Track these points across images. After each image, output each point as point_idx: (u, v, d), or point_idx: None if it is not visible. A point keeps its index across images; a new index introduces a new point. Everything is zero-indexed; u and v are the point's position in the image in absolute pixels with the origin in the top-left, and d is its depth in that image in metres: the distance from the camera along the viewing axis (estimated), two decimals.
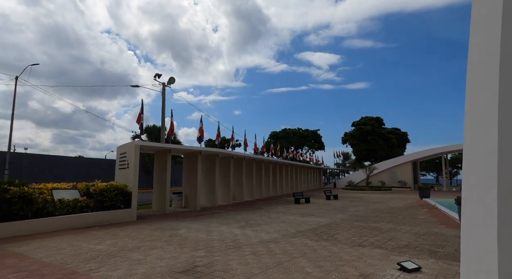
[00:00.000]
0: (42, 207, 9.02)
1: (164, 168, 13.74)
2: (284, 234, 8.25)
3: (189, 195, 15.58)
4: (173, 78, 18.54)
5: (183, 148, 13.31)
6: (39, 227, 8.73)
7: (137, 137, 38.88)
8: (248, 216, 12.13)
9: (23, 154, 26.36)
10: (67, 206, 9.73)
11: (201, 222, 10.54)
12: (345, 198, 22.03)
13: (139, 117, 12.57)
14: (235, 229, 9.09)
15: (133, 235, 8.18)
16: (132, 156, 11.65)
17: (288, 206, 16.20)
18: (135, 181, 11.46)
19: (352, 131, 50.33)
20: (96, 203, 10.41)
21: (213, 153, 16.37)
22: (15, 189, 8.53)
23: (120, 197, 10.86)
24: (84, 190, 10.90)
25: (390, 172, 42.65)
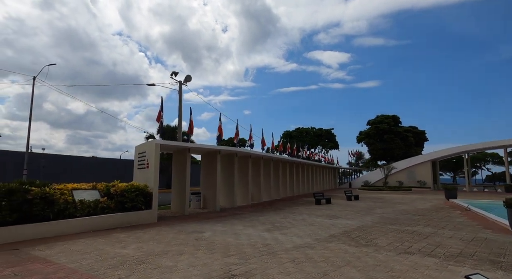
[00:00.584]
0: (63, 208, 8.74)
1: (183, 168, 13.36)
2: (317, 239, 7.69)
3: (207, 195, 15.18)
4: (189, 76, 18.19)
5: (202, 147, 12.92)
6: (61, 229, 8.44)
7: (151, 137, 38.89)
8: (272, 218, 11.61)
9: (41, 154, 26.64)
10: (88, 207, 9.43)
11: (224, 224, 10.08)
12: (366, 199, 21.23)
13: (159, 115, 12.22)
14: (263, 232, 8.59)
15: (158, 239, 7.78)
16: (152, 156, 11.30)
17: (309, 207, 15.59)
18: (156, 182, 11.10)
19: (368, 130, 49.14)
20: (117, 204, 10.10)
21: (232, 152, 15.91)
22: (37, 190, 8.27)
23: (141, 198, 10.51)
24: (104, 191, 10.60)
25: (408, 171, 41.34)
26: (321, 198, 17.46)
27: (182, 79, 18.01)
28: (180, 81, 18.05)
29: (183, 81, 18.11)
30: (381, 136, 45.72)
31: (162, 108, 12.26)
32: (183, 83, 18.14)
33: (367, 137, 47.60)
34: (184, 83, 18.15)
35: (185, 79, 18.16)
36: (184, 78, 18.13)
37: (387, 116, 47.57)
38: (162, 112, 12.21)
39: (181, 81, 18.09)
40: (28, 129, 20.32)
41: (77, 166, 28.72)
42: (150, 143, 11.66)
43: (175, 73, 17.66)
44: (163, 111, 12.22)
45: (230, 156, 16.18)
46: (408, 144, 46.59)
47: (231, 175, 16.15)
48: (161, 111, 12.23)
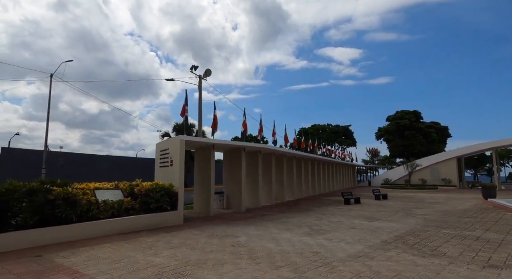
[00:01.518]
0: (87, 210, 8.10)
1: (206, 166, 12.61)
2: (370, 246, 6.75)
3: (231, 194, 14.40)
4: (209, 70, 17.44)
5: (227, 143, 12.14)
6: (84, 232, 7.80)
7: (166, 135, 38.39)
8: (305, 220, 10.71)
9: (59, 152, 26.58)
10: (112, 208, 8.78)
11: (257, 227, 9.25)
12: (395, 198, 20.02)
13: (183, 109, 11.48)
14: (303, 237, 7.71)
15: (190, 244, 7.01)
16: (177, 153, 10.57)
17: (340, 208, 14.60)
18: (181, 181, 10.38)
19: (387, 126, 47.34)
20: (141, 204, 9.42)
21: (256, 149, 15.07)
22: (59, 190, 7.65)
23: (166, 198, 9.80)
24: (127, 191, 9.95)
25: (431, 169, 39.52)
26: (350, 198, 16.43)
27: (205, 74, 17.27)
28: (199, 75, 17.32)
29: (203, 75, 17.37)
30: (402, 132, 43.88)
31: (186, 102, 11.52)
32: (203, 77, 17.39)
33: (387, 134, 45.80)
34: (204, 77, 17.41)
35: (205, 73, 17.42)
36: (204, 72, 17.39)
37: (407, 111, 45.61)
38: (187, 106, 11.46)
39: (201, 75, 17.35)
40: (46, 126, 20.08)
41: (95, 165, 28.59)
42: (174, 140, 10.94)
43: (195, 67, 16.95)
44: (187, 105, 11.48)
45: (254, 153, 15.35)
46: (430, 140, 44.57)
47: (255, 173, 15.32)
48: (186, 105, 11.49)
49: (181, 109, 11.49)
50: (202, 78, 17.34)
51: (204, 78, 17.45)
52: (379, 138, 48.31)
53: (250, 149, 14.64)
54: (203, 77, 17.41)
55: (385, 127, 47.08)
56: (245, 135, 13.63)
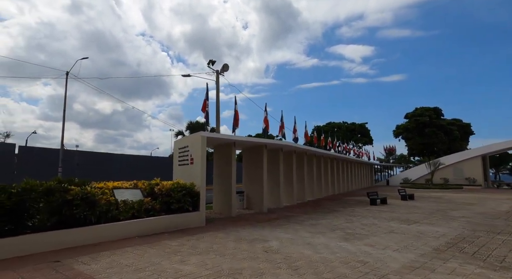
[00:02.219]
0: (106, 210, 7.59)
1: (227, 164, 11.98)
2: (421, 254, 5.94)
3: (251, 194, 13.75)
4: (226, 65, 16.81)
5: (249, 140, 11.50)
6: (104, 234, 7.29)
7: (180, 133, 38.03)
8: (335, 222, 9.93)
9: (75, 151, 26.62)
10: (132, 208, 8.25)
11: (285, 230, 8.55)
12: (422, 198, 18.91)
13: (204, 104, 10.89)
14: (341, 242, 6.95)
15: (217, 249, 6.38)
16: (198, 150, 9.98)
17: (367, 209, 13.73)
18: (203, 179, 9.78)
19: (406, 124, 45.59)
20: (162, 205, 8.87)
21: (278, 146, 14.36)
22: (77, 189, 7.15)
23: (188, 198, 9.22)
24: (147, 190, 9.44)
25: (454, 168, 37.78)
26: (376, 198, 15.50)
27: (222, 69, 16.65)
28: (217, 70, 16.72)
29: (220, 71, 16.76)
30: (422, 130, 42.12)
31: (207, 97, 10.92)
32: (220, 72, 16.78)
33: (406, 131, 44.07)
34: (221, 72, 16.80)
35: (222, 68, 16.80)
36: (221, 67, 16.78)
37: (427, 108, 43.72)
38: (208, 101, 10.87)
39: (218, 70, 16.75)
40: (62, 124, 19.93)
41: (111, 164, 28.47)
42: (195, 136, 10.35)
43: (212, 62, 16.34)
44: (208, 100, 10.88)
45: (275, 151, 14.64)
46: (452, 138, 42.65)
47: (276, 171, 14.61)
48: (207, 100, 10.89)
49: (202, 104, 10.90)
50: (219, 73, 16.73)
51: (221, 73, 16.84)
52: (397, 136, 46.59)
53: (271, 146, 13.94)
54: (221, 73, 16.80)
55: (403, 124, 45.33)
56: (266, 131, 12.96)
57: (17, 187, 6.33)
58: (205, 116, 11.02)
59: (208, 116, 10.96)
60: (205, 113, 10.95)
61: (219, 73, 16.78)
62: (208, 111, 11.00)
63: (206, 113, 10.94)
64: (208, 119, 10.91)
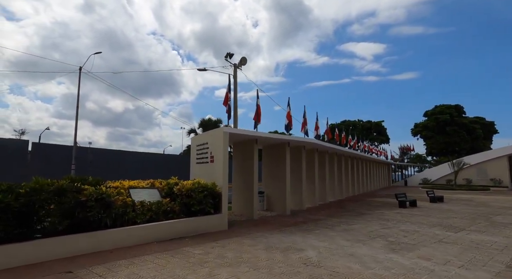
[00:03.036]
0: (122, 213, 6.88)
1: (249, 163, 11.16)
2: (496, 272, 4.96)
3: (272, 195, 12.91)
4: (244, 59, 15.98)
5: (273, 137, 10.65)
6: (120, 240, 6.59)
7: (192, 131, 37.39)
8: (369, 227, 8.99)
9: (88, 148, 26.33)
10: (149, 210, 7.53)
11: (318, 237, 7.67)
12: (452, 201, 17.66)
13: (226, 97, 10.08)
14: (389, 254, 6.03)
15: (249, 260, 5.56)
16: (220, 147, 9.18)
17: (397, 212, 12.69)
18: (225, 179, 8.98)
19: (426, 122, 43.75)
20: (181, 207, 8.12)
21: (301, 144, 13.45)
22: (91, 189, 6.46)
23: (210, 199, 8.45)
24: (165, 190, 8.71)
25: (478, 168, 35.95)
26: (405, 200, 14.42)
27: (240, 62, 15.83)
28: (234, 64, 15.90)
29: (238, 64, 15.95)
30: (442, 128, 40.26)
31: (229, 89, 10.10)
32: (238, 66, 15.96)
33: (425, 130, 42.27)
34: (239, 66, 15.98)
35: (240, 61, 15.98)
36: (239, 60, 15.96)
37: (448, 106, 41.74)
38: (230, 94, 10.04)
39: (236, 64, 15.94)
40: (75, 119, 19.51)
41: (124, 161, 28.10)
42: (216, 133, 9.56)
43: (230, 55, 15.54)
44: (230, 92, 10.06)
45: (297, 149, 13.74)
46: (475, 137, 40.68)
47: (298, 171, 13.72)
48: (229, 92, 10.08)
49: (224, 97, 10.09)
50: (237, 67, 15.91)
51: (239, 67, 16.02)
52: (416, 134, 44.81)
53: (294, 143, 13.04)
54: (238, 66, 15.98)
55: (422, 122, 43.50)
56: (289, 128, 12.09)
57: (25, 187, 5.66)
58: (227, 110, 10.19)
59: (230, 110, 10.13)
60: (227, 106, 10.12)
61: (237, 67, 15.96)
62: (230, 105, 10.17)
63: (228, 107, 10.11)
64: (230, 113, 10.09)
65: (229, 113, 10.06)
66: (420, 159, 56.69)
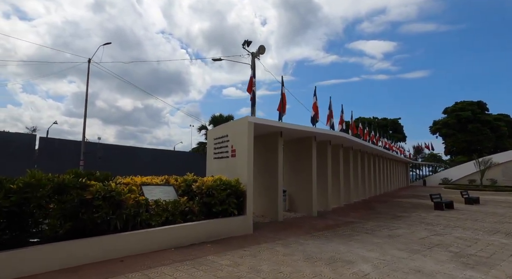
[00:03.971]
0: (134, 214, 5.83)
1: (272, 158, 10.00)
2: None
3: (295, 194, 11.74)
4: (263, 47, 14.82)
5: (302, 129, 9.46)
6: (131, 245, 5.55)
7: (203, 128, 36.36)
8: (418, 234, 7.73)
9: (97, 143, 25.63)
10: (165, 211, 6.47)
11: (363, 244, 6.47)
12: (488, 203, 16.15)
13: (251, 83, 8.91)
14: (466, 270, 4.80)
15: (290, 275, 4.42)
16: (244, 140, 8.05)
17: (436, 214, 11.36)
18: (249, 176, 7.85)
19: (446, 119, 41.72)
20: (201, 207, 7.04)
21: (328, 138, 12.23)
22: (98, 186, 5.42)
23: (233, 198, 7.34)
24: (182, 187, 7.65)
25: (504, 168, 33.95)
26: (441, 201, 13.05)
27: (259, 51, 14.67)
28: (252, 52, 14.76)
29: (256, 53, 14.79)
30: (464, 125, 38.27)
31: (254, 74, 8.96)
32: (256, 55, 14.81)
33: (446, 127, 40.30)
34: (257, 55, 14.82)
35: (258, 50, 14.82)
36: (257, 49, 14.79)
37: (470, 102, 39.62)
38: (255, 79, 8.90)
39: (254, 52, 14.78)
40: (84, 110, 18.67)
41: (134, 157, 27.32)
42: (239, 123, 8.43)
43: (248, 43, 14.40)
44: (255, 77, 8.93)
45: (323, 144, 12.53)
46: (499, 135, 38.56)
47: (324, 168, 12.51)
48: (253, 77, 8.93)
49: (248, 84, 8.95)
50: (255, 56, 14.75)
51: (257, 56, 14.86)
52: (435, 132, 42.82)
53: (321, 138, 11.81)
54: (257, 56, 14.82)
55: (442, 120, 41.51)
56: (316, 120, 10.89)
57: (19, 182, 4.64)
58: (251, 98, 9.03)
59: (254, 97, 8.96)
60: (251, 93, 8.96)
61: (255, 57, 14.80)
62: (255, 91, 9.00)
63: (253, 94, 8.93)
64: (254, 100, 8.93)
65: (253, 100, 8.91)
66: (435, 158, 54.81)
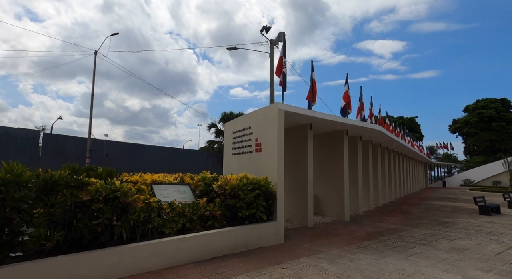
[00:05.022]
0: (144, 220, 4.62)
1: (300, 154, 8.69)
2: None
3: (322, 196, 10.42)
4: (282, 34, 13.48)
5: (336, 120, 8.11)
6: (141, 261, 4.34)
7: (213, 126, 35.03)
8: (488, 246, 6.33)
9: (103, 141, 24.59)
10: (182, 216, 5.25)
11: (428, 261, 5.12)
12: None
13: (280, 63, 7.55)
14: None
15: None
16: (273, 130, 6.77)
17: (488, 220, 9.88)
18: (280, 174, 6.57)
19: (467, 117, 39.67)
20: (224, 210, 5.79)
21: (359, 132, 10.86)
22: (99, 184, 4.22)
23: (262, 201, 6.07)
24: (200, 187, 6.44)
25: None
26: (487, 205, 11.53)
27: (278, 38, 13.37)
28: (271, 39, 13.47)
29: (275, 40, 13.49)
30: (488, 124, 36.22)
31: (284, 53, 7.60)
32: (275, 43, 13.52)
33: (467, 126, 38.25)
34: (276, 43, 13.53)
35: (278, 37, 13.51)
36: (277, 36, 13.49)
37: (493, 99, 37.45)
38: (285, 58, 7.54)
39: (273, 39, 13.50)
40: (90, 104, 17.68)
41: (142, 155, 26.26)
42: (266, 111, 7.12)
43: (267, 28, 13.11)
44: (285, 57, 7.56)
45: (353, 139, 11.17)
46: None
47: (354, 167, 11.14)
48: (284, 57, 7.57)
49: (277, 65, 7.63)
50: (274, 44, 13.46)
51: (276, 44, 13.57)
52: (455, 131, 40.76)
53: (353, 132, 10.44)
54: (275, 44, 13.53)
55: (463, 118, 39.43)
56: (347, 111, 9.52)
57: None
58: (281, 82, 7.61)
59: (285, 80, 7.53)
60: (281, 76, 7.57)
61: (274, 45, 13.52)
62: (285, 74, 7.58)
63: (283, 76, 7.51)
64: (285, 85, 7.50)
65: (283, 85, 7.53)
66: (450, 158, 52.88)
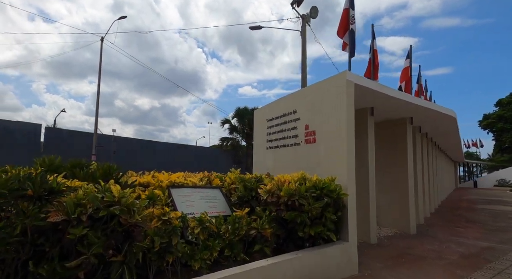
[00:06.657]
0: (162, 249, 2.74)
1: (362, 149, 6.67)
2: None
3: (378, 201, 8.36)
4: (315, 9, 11.48)
5: (415, 102, 6.01)
6: None
7: (227, 122, 32.72)
8: None
9: (111, 136, 23.07)
10: (217, 237, 3.36)
11: None
12: None
13: (344, 20, 5.54)
14: None
15: None
16: (341, 110, 4.80)
17: None
18: (350, 175, 4.59)
19: (500, 112, 36.73)
20: (276, 228, 3.87)
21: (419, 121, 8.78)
22: (84, 191, 2.34)
23: (331, 214, 4.10)
24: (240, 192, 4.54)
25: None
26: None
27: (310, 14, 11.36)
28: (303, 15, 11.47)
29: (307, 16, 11.49)
30: None
31: (352, 4, 5.59)
32: (307, 20, 11.51)
33: (501, 121, 35.33)
34: (308, 20, 11.52)
35: (310, 13, 11.50)
36: (309, 11, 11.48)
37: None
38: (353, 11, 5.55)
39: (304, 15, 11.50)
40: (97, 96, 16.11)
41: (155, 153, 24.62)
42: (326, 85, 5.12)
43: (298, 2, 11.11)
44: (353, 9, 5.58)
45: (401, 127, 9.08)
46: None
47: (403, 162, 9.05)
48: (351, 8, 5.54)
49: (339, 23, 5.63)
50: (307, 22, 11.45)
51: (308, 22, 11.55)
52: (486, 127, 37.83)
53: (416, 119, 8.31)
54: (307, 21, 11.52)
55: (495, 113, 36.51)
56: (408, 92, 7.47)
57: None
58: (345, 44, 5.54)
59: (353, 40, 5.48)
60: (346, 35, 5.52)
61: (306, 22, 11.52)
62: (354, 31, 5.55)
63: (350, 35, 5.45)
64: (354, 46, 5.45)
65: (352, 45, 5.46)
66: (471, 157, 50.12)
